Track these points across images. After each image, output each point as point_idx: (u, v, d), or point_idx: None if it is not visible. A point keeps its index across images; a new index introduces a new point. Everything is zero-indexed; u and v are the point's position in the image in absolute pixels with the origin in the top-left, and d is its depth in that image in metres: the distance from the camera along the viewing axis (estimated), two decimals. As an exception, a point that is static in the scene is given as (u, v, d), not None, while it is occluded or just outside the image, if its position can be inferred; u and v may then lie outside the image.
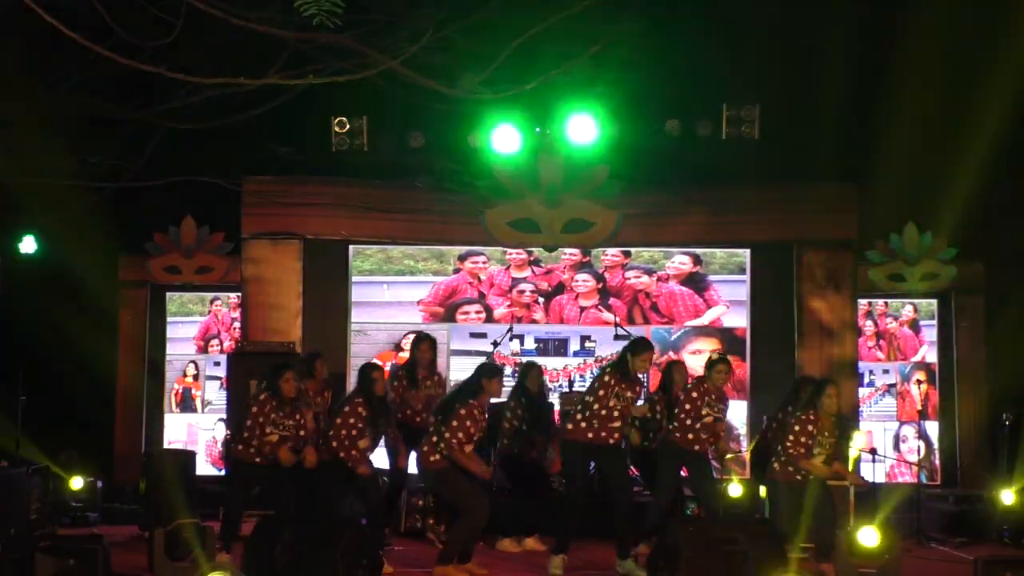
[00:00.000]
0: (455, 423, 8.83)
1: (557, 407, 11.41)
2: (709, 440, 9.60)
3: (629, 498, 9.28)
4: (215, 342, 13.34)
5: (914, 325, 13.25)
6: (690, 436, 9.52)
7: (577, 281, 13.19)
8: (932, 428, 13.06)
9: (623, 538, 9.11)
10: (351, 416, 9.07)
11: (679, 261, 13.18)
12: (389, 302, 13.22)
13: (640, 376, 9.26)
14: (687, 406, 9.55)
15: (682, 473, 9.84)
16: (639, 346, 9.20)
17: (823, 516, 8.86)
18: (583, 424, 9.04)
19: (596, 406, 9.02)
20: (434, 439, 8.92)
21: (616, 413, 9.02)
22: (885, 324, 13.25)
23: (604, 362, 12.63)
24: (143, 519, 10.67)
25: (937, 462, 12.99)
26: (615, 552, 9.11)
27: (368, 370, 9.35)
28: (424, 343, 10.57)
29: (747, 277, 13.14)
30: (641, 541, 9.44)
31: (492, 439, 10.27)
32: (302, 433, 9.30)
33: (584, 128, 12.37)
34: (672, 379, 10.36)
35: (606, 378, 9.09)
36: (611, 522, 9.17)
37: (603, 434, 9.02)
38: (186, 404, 13.26)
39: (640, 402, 9.43)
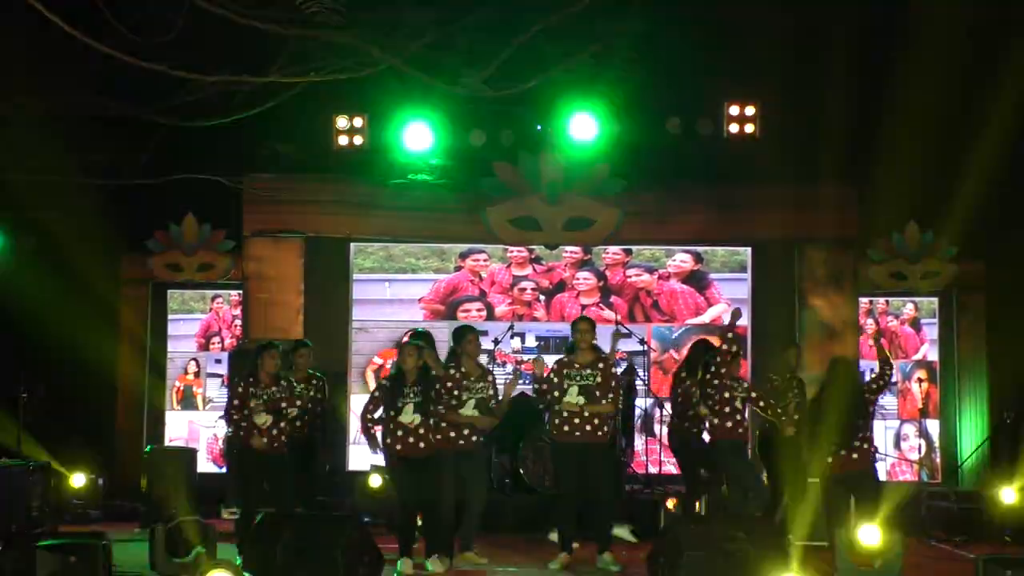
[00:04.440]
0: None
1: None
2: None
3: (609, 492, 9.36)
4: (216, 339, 13.34)
5: (915, 323, 13.25)
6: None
7: (578, 279, 13.19)
8: (933, 426, 13.05)
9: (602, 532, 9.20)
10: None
11: (680, 259, 13.18)
12: (390, 300, 13.22)
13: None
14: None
15: None
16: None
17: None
18: None
19: None
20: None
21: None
22: (886, 322, 13.25)
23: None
24: (144, 516, 10.68)
25: (938, 460, 12.98)
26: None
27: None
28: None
29: (748, 275, 13.14)
30: None
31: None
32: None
33: (585, 126, 12.39)
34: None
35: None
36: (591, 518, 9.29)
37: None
38: (187, 402, 13.26)
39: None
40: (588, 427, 8.98)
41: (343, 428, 12.43)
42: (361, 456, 10.95)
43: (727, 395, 9.45)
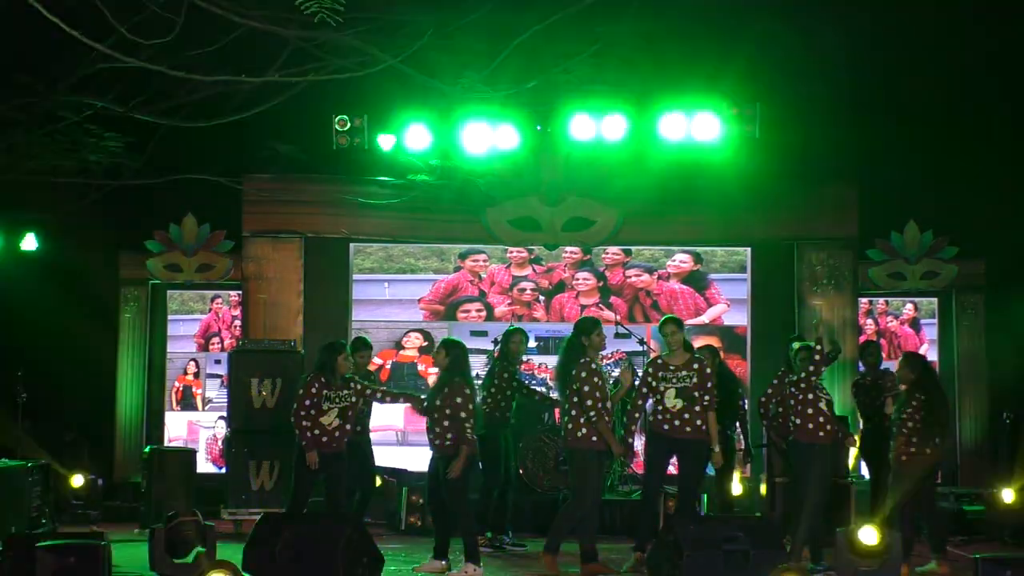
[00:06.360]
0: (587, 388, 8.56)
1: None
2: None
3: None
4: (216, 340, 13.34)
5: (915, 323, 13.25)
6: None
7: (578, 279, 13.18)
8: (933, 426, 13.03)
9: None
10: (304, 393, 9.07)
11: (680, 259, 13.18)
12: (390, 300, 13.22)
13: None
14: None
15: None
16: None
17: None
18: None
19: None
20: (573, 412, 8.62)
21: None
22: (886, 322, 13.24)
23: (606, 360, 12.63)
24: (144, 517, 10.68)
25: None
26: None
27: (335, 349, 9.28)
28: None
29: (748, 275, 13.14)
30: None
31: None
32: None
33: (584, 126, 12.38)
34: None
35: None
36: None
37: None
38: (187, 402, 13.25)
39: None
40: (688, 428, 8.94)
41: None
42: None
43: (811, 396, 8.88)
